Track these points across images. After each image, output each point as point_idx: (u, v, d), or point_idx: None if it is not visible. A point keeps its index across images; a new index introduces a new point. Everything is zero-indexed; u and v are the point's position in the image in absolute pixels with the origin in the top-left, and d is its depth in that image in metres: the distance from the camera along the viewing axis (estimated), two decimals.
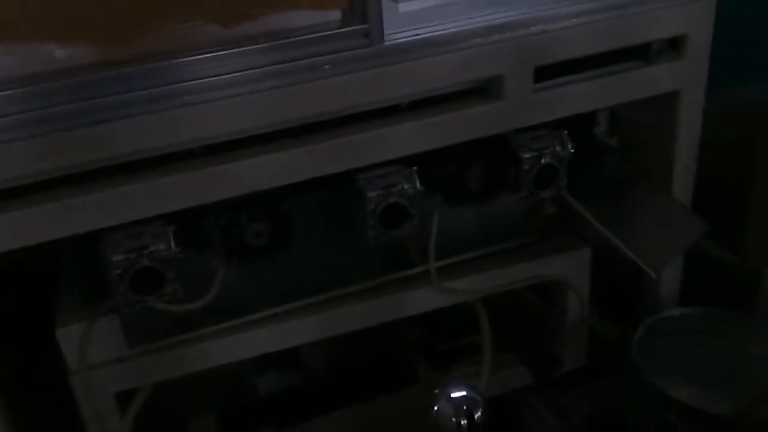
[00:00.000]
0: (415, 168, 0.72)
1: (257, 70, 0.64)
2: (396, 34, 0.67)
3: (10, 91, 0.58)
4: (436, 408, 0.57)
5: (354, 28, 0.65)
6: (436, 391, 0.58)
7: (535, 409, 0.94)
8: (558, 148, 0.75)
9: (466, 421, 0.56)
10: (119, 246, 0.63)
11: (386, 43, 0.66)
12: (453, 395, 0.57)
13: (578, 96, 0.76)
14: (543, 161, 0.75)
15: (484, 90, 0.73)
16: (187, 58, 0.62)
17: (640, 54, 0.78)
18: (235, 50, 0.63)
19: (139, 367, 0.73)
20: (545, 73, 0.74)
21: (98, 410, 0.73)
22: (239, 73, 0.64)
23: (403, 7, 0.67)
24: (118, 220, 0.64)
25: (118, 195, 0.63)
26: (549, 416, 0.93)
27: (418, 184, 0.72)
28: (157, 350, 0.74)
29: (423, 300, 0.82)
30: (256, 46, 0.63)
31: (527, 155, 0.75)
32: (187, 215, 0.66)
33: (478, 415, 0.56)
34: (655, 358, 0.88)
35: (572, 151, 0.76)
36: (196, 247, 0.69)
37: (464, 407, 0.56)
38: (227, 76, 0.63)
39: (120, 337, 0.72)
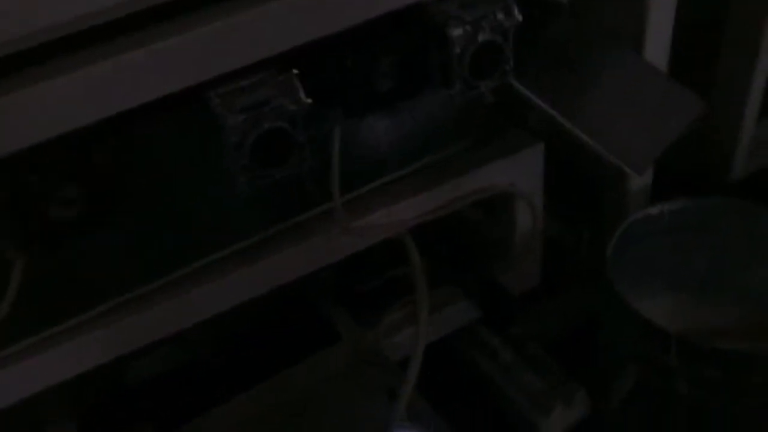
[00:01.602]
0: (295, 72, 0.47)
1: None
2: None
3: None
4: None
5: None
6: None
7: (486, 344, 0.77)
8: (501, 16, 0.52)
9: None
10: None
11: None
12: None
13: None
14: (480, 38, 0.51)
15: None
16: None
17: None
18: None
19: None
20: None
21: None
22: None
23: None
24: None
25: None
26: (504, 351, 0.76)
27: (302, 95, 0.47)
28: None
29: (332, 248, 0.60)
30: None
31: (457, 32, 0.51)
32: None
33: None
34: (629, 269, 0.70)
35: (520, 18, 0.53)
36: None
37: None
38: None
39: None
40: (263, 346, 0.71)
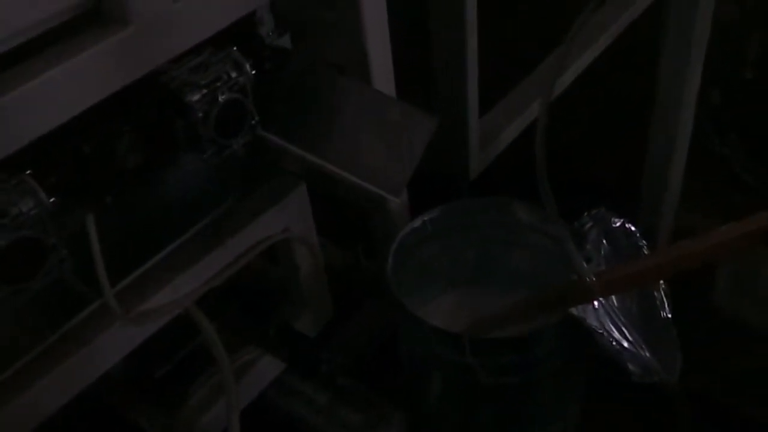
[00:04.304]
0: (28, 173, 0.43)
1: None
2: None
3: None
4: None
5: None
6: None
7: (298, 392, 0.76)
8: (235, 74, 0.52)
9: None
10: None
11: None
12: None
13: None
14: (221, 98, 0.51)
15: (94, 16, 0.46)
16: None
17: None
18: None
19: None
20: None
21: None
22: None
23: None
24: None
25: None
26: (316, 394, 0.76)
27: (43, 195, 0.44)
28: None
29: (116, 343, 0.56)
30: None
31: (195, 97, 0.50)
32: None
33: None
34: (410, 280, 0.74)
35: (253, 73, 0.53)
36: None
37: None
38: None
39: None
40: None
